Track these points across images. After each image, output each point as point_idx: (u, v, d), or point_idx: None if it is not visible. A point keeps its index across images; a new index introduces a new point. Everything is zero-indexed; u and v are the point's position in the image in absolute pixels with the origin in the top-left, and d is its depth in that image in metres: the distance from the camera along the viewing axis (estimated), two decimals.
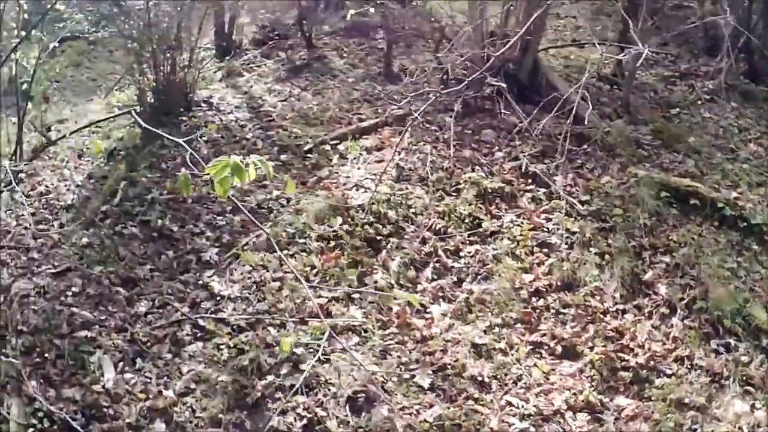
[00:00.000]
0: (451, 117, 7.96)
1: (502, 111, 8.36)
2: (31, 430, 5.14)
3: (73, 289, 6.34)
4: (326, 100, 9.19)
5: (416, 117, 6.40)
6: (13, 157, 8.63)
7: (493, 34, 8.76)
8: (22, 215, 7.71)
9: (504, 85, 8.44)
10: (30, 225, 7.47)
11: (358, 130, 8.23)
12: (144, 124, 7.04)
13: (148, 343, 5.78)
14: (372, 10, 9.41)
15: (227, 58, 10.82)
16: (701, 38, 11.28)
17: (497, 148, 8.05)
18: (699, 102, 9.75)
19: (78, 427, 5.07)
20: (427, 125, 8.29)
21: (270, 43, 11.23)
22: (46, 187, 8.26)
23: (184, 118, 8.53)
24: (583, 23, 12.27)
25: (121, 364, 5.65)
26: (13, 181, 8.32)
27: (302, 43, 10.90)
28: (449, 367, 5.66)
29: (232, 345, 5.65)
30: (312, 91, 9.53)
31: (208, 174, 2.95)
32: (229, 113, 8.80)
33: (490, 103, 8.54)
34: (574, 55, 10.71)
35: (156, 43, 8.41)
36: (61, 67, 11.90)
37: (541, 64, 9.19)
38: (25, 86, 9.02)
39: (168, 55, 8.59)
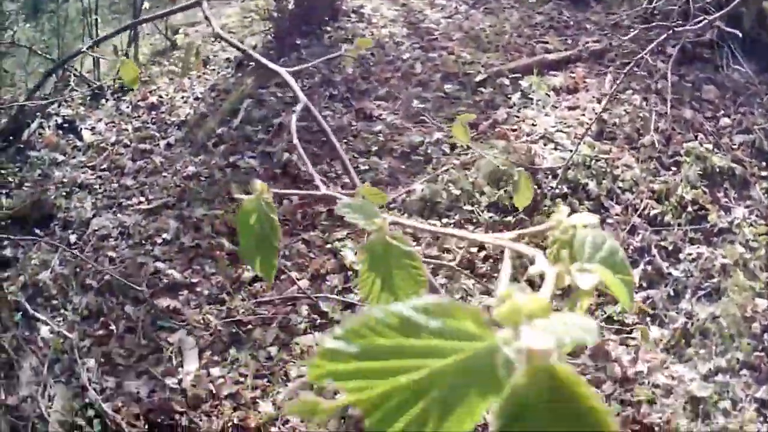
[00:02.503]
0: (665, 62, 5.99)
1: (726, 65, 6.31)
2: None
3: (165, 235, 4.95)
4: (501, 21, 7.35)
5: (643, 56, 4.60)
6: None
7: None
8: (125, 130, 6.39)
9: (737, 32, 6.39)
10: (131, 143, 6.12)
11: (544, 64, 6.34)
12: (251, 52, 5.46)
13: (249, 326, 4.29)
14: None
15: None
16: None
17: (722, 111, 5.95)
18: None
19: None
20: (635, 68, 6.31)
21: None
22: (160, 98, 6.92)
23: (329, 28, 7.07)
24: None
25: (208, 352, 4.19)
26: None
27: None
28: (656, 428, 3.80)
29: None
30: (483, 9, 7.70)
31: None
32: (382, 27, 7.13)
33: (710, 52, 6.44)
34: None
35: None
36: None
37: None
38: None
39: None
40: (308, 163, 1.71)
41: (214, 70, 7.37)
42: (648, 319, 4.31)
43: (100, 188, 5.75)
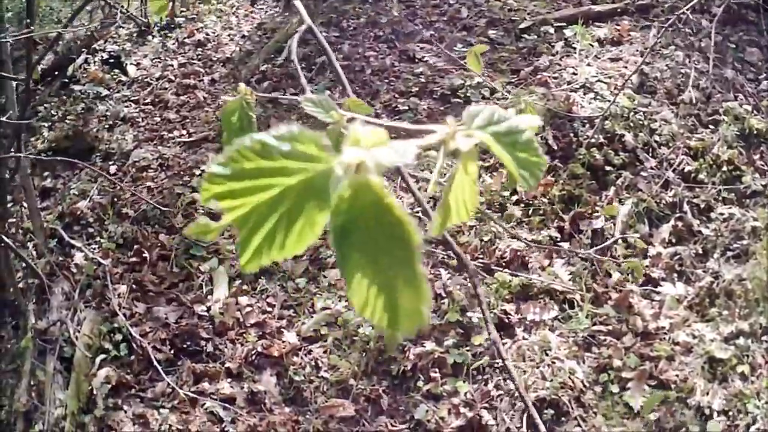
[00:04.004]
0: (709, 21, 5.84)
1: None
2: (101, 356, 3.85)
3: (203, 167, 4.96)
4: None
5: (684, 12, 4.50)
6: None
7: None
8: (170, 65, 6.44)
9: None
10: (175, 78, 6.17)
11: (590, 15, 6.22)
12: None
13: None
14: None
15: None
16: None
17: (764, 74, 5.80)
18: None
19: (158, 364, 3.74)
20: (679, 25, 6.15)
21: None
22: (206, 35, 6.98)
23: None
24: None
25: (238, 281, 4.25)
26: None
27: None
28: (672, 385, 3.75)
29: None
30: None
31: None
32: None
33: (755, 15, 6.25)
34: None
35: None
36: None
37: None
38: None
39: None
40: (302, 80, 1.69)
41: (261, 8, 7.38)
42: (675, 275, 4.24)
43: (142, 122, 5.82)
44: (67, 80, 6.58)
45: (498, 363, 3.70)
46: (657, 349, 3.84)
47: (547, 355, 3.77)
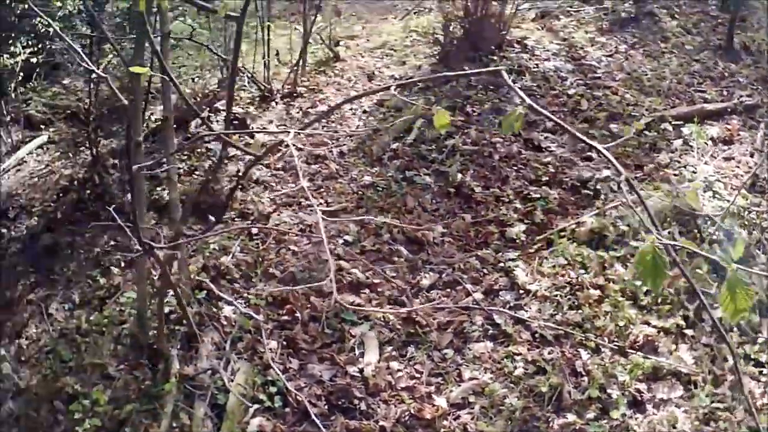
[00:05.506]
0: None
1: None
2: (255, 407, 4.17)
3: (346, 237, 5.34)
4: (661, 66, 7.65)
5: None
6: (296, 68, 7.81)
7: None
8: (297, 134, 6.83)
9: None
10: (303, 146, 6.58)
11: (703, 113, 6.63)
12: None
13: (427, 328, 4.69)
14: None
15: None
16: None
17: None
18: None
19: (316, 417, 4.04)
20: None
21: None
22: (329, 107, 7.34)
23: (495, 57, 7.41)
24: None
25: (388, 347, 4.60)
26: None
27: None
28: None
29: (530, 359, 4.42)
30: (642, 51, 8.01)
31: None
32: (545, 60, 7.49)
33: None
34: None
35: None
36: None
37: None
38: None
39: None
40: None
41: (379, 85, 7.81)
42: None
43: (276, 186, 6.19)
44: (189, 136, 6.96)
45: None
46: (762, 420, 4.20)
47: (674, 428, 4.10)
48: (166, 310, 4.62)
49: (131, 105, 4.62)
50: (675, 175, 5.72)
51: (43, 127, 8.28)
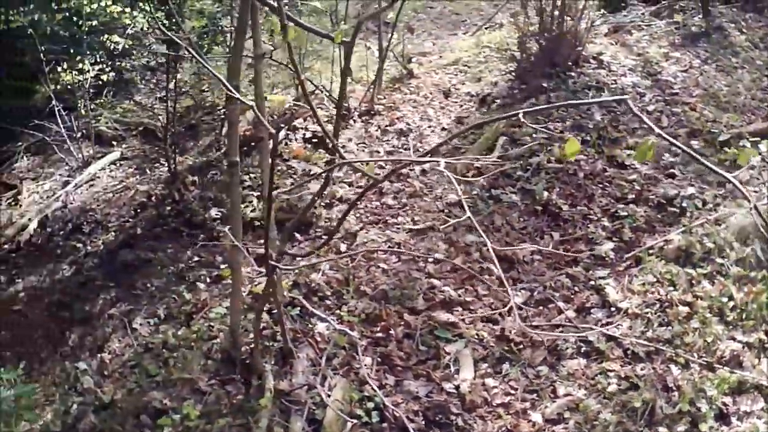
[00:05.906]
0: None
1: None
2: (353, 422, 4.32)
3: (436, 254, 5.48)
4: (735, 81, 7.70)
5: None
6: (372, 86, 8.00)
7: None
8: (377, 151, 7.02)
9: None
10: (385, 165, 6.73)
11: None
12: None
13: (521, 346, 4.84)
14: None
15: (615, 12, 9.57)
16: None
17: None
18: None
19: None
20: None
21: (662, 1, 9.85)
22: (407, 125, 7.54)
23: (572, 73, 7.48)
24: None
25: (483, 364, 4.74)
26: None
27: (697, 6, 9.38)
28: None
29: (623, 375, 4.55)
30: (714, 66, 8.04)
31: None
32: (622, 76, 7.57)
33: None
34: None
35: None
36: None
37: None
38: (390, 16, 8.41)
39: None
40: None
41: (456, 102, 7.97)
42: None
43: (360, 204, 6.35)
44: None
45: None
46: None
47: None
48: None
49: (230, 126, 4.85)
50: (755, 191, 5.76)
51: (114, 143, 8.57)
